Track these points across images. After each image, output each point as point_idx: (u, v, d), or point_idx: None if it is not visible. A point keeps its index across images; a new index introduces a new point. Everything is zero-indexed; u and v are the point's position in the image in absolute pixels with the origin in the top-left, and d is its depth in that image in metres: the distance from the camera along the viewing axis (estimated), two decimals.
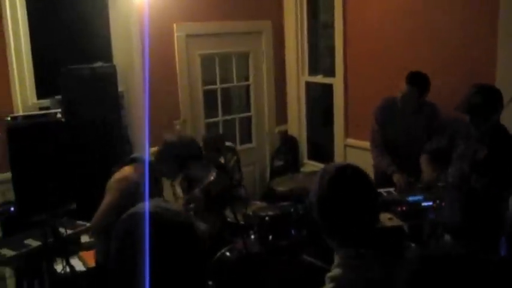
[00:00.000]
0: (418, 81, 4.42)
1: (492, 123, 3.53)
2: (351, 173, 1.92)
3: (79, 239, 4.10)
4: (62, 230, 3.69)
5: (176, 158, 3.53)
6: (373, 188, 1.93)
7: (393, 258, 1.89)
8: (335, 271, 1.87)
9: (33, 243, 3.82)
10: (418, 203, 3.86)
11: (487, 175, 3.51)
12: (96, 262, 3.58)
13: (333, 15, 5.85)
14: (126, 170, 3.44)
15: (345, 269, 1.85)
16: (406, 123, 4.57)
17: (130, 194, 3.21)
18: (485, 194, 3.49)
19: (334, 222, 1.87)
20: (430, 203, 3.80)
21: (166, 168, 3.57)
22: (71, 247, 3.87)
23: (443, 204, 3.72)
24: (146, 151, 3.57)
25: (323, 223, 1.89)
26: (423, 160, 4.20)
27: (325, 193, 1.88)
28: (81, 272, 3.86)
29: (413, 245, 3.35)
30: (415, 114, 4.54)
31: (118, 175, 3.44)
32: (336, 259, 1.90)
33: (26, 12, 5.04)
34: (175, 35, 5.78)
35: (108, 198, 3.35)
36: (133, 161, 3.53)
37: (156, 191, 3.58)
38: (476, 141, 3.62)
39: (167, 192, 4.33)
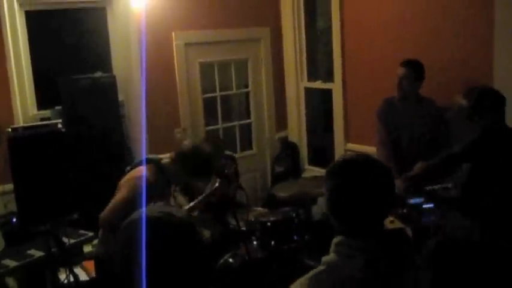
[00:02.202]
0: (412, 63, 4.46)
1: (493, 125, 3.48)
2: (364, 159, 1.89)
3: (82, 248, 4.12)
4: (65, 239, 3.70)
5: (190, 167, 3.57)
6: (388, 176, 1.86)
7: (396, 259, 1.83)
8: (330, 256, 1.84)
9: (36, 253, 3.83)
10: (418, 205, 3.86)
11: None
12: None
13: (330, 20, 5.87)
14: (142, 169, 3.48)
15: (339, 256, 1.81)
16: (408, 119, 4.56)
17: (144, 195, 3.24)
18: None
19: (343, 212, 1.83)
20: (431, 205, 3.80)
21: (177, 174, 3.60)
22: (74, 257, 3.88)
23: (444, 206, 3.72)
24: (143, 158, 3.57)
25: (333, 210, 1.84)
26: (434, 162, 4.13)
27: (337, 179, 1.84)
28: (85, 282, 3.86)
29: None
30: (415, 107, 4.54)
31: (134, 173, 3.49)
32: (334, 244, 1.85)
33: (25, 23, 5.08)
34: (174, 43, 5.81)
35: (122, 194, 3.38)
36: (147, 161, 3.58)
37: (168, 193, 3.67)
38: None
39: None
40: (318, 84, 6.42)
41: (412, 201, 3.94)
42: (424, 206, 3.83)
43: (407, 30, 5.03)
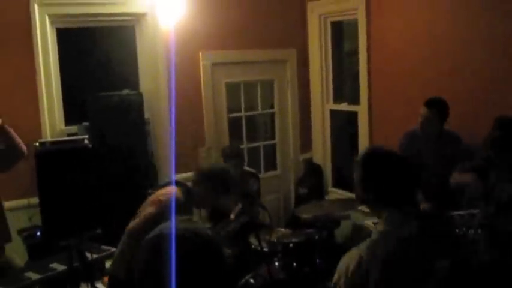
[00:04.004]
0: (436, 103, 4.41)
1: None
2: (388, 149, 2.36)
3: (104, 263, 4.12)
4: (87, 254, 3.71)
5: (212, 189, 3.61)
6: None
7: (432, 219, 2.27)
8: (380, 227, 2.16)
9: (59, 267, 3.85)
10: None
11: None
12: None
13: (357, 43, 5.88)
14: (171, 189, 3.54)
15: (392, 225, 2.13)
16: (430, 153, 4.52)
17: (172, 209, 3.31)
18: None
19: (380, 181, 2.21)
20: (456, 231, 3.73)
21: (200, 197, 3.64)
22: (95, 272, 3.89)
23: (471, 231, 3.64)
24: (173, 177, 3.62)
25: (369, 185, 2.24)
26: (454, 175, 4.08)
27: (370, 159, 2.30)
28: None
29: None
30: (437, 142, 4.50)
31: (165, 191, 3.55)
32: (384, 219, 2.18)
33: (56, 40, 5.17)
34: (201, 63, 5.86)
35: (153, 210, 3.43)
36: (171, 184, 3.66)
37: (190, 213, 3.71)
38: (503, 177, 3.52)
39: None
40: (344, 107, 6.41)
41: None
42: None
43: (434, 54, 5.00)
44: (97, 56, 5.56)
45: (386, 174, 2.21)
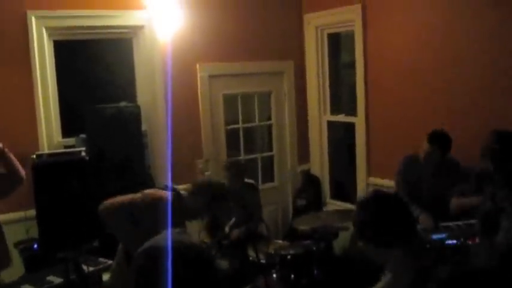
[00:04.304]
0: (439, 140, 4.42)
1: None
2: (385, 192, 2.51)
3: (101, 276, 4.10)
4: (84, 267, 3.70)
5: (206, 202, 3.57)
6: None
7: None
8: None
9: (55, 279, 3.83)
10: (441, 241, 3.80)
11: None
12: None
13: (354, 54, 5.90)
14: (162, 192, 3.52)
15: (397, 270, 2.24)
16: (430, 180, 4.54)
17: (162, 212, 3.26)
18: None
19: (384, 221, 2.29)
20: (454, 241, 3.74)
21: (194, 206, 3.60)
22: (92, 284, 3.87)
23: (469, 242, 3.65)
24: (169, 189, 3.58)
25: (374, 225, 2.29)
26: (453, 201, 4.13)
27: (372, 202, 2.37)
28: None
29: None
30: (438, 169, 4.51)
31: (153, 191, 3.54)
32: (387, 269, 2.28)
33: (53, 52, 5.18)
34: (198, 75, 5.87)
35: (132, 197, 3.44)
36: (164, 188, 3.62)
37: (180, 221, 3.56)
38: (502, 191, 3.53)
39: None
40: (341, 118, 6.42)
41: (434, 236, 3.89)
42: (447, 242, 3.77)
43: (431, 66, 5.02)
44: (94, 69, 5.58)
45: (388, 216, 2.32)
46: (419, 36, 5.13)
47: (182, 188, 3.83)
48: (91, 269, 3.86)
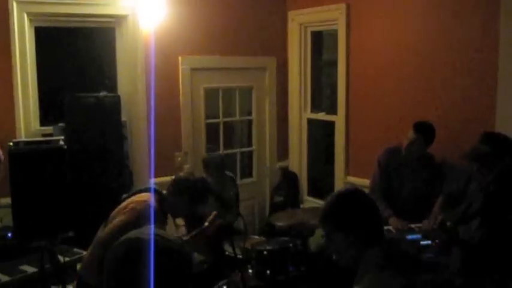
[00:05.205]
0: (424, 129, 4.46)
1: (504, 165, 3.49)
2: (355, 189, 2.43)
3: (76, 267, 4.07)
4: (59, 257, 3.66)
5: (189, 198, 3.57)
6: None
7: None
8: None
9: (29, 269, 3.80)
10: (416, 241, 3.85)
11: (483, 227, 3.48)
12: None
13: (336, 53, 5.92)
14: (145, 196, 3.48)
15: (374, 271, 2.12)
16: (409, 172, 4.58)
17: (146, 217, 3.24)
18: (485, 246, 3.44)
19: (355, 219, 2.20)
20: (429, 242, 3.79)
21: (176, 206, 3.60)
22: (67, 275, 3.83)
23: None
24: (151, 181, 3.58)
25: (345, 224, 2.20)
26: (440, 201, 4.18)
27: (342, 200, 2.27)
28: None
29: None
30: (418, 164, 4.56)
31: (137, 198, 3.48)
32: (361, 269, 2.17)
33: (34, 40, 5.11)
34: (180, 67, 5.84)
35: (125, 217, 3.35)
36: (147, 190, 3.58)
37: (163, 221, 3.60)
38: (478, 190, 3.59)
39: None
40: (321, 116, 6.44)
41: (409, 237, 3.93)
42: (422, 242, 3.82)
43: (412, 66, 5.06)
44: (75, 57, 5.51)
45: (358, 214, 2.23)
46: (402, 37, 5.16)
47: (161, 180, 3.83)
48: (66, 259, 3.83)
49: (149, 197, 3.45)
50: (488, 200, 3.47)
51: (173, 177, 3.78)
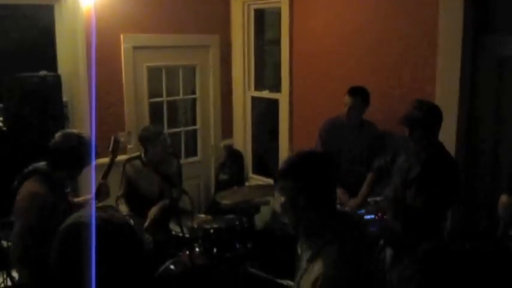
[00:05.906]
0: (359, 91, 4.61)
1: (431, 141, 3.63)
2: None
3: None
4: (3, 242, 3.60)
5: (76, 158, 3.32)
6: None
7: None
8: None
9: None
10: (360, 216, 3.96)
11: (420, 194, 3.61)
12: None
13: (279, 31, 5.94)
14: (32, 186, 3.18)
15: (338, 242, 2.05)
16: (350, 141, 4.69)
17: (47, 213, 3.02)
18: (423, 212, 3.57)
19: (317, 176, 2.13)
20: (372, 216, 3.90)
21: (60, 175, 3.32)
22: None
23: (385, 217, 3.81)
24: (92, 161, 3.45)
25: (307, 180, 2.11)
26: (368, 178, 4.30)
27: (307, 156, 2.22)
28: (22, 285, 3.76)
29: None
30: (358, 131, 4.67)
31: (25, 192, 3.16)
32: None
33: None
34: (122, 46, 5.74)
35: (21, 222, 3.08)
36: (31, 173, 3.27)
37: (66, 205, 3.27)
38: (413, 157, 3.70)
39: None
40: (265, 94, 6.48)
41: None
42: (366, 217, 3.93)
43: (355, 45, 5.15)
44: (13, 35, 5.35)
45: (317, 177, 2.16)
46: (345, 15, 5.24)
47: (104, 162, 3.79)
48: (10, 244, 3.75)
49: (38, 186, 3.17)
50: (423, 168, 3.60)
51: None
